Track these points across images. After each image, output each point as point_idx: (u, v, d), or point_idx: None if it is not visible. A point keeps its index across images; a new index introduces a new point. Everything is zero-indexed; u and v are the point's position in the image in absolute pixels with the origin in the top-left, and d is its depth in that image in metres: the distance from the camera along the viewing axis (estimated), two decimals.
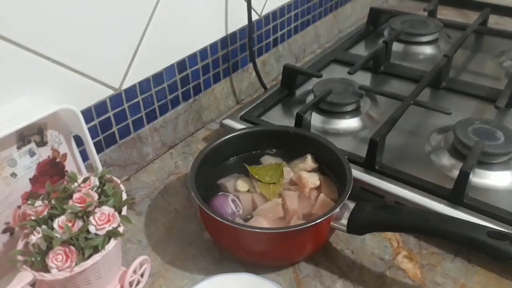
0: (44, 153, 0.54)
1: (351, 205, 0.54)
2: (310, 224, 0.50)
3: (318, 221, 0.50)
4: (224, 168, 0.64)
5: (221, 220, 0.52)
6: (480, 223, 0.50)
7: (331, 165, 0.62)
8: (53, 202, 0.47)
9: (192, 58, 0.75)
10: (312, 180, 0.60)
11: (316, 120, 0.73)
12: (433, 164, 0.65)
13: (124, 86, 0.66)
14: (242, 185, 0.61)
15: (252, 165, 0.63)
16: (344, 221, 0.53)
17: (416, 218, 0.51)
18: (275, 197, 0.59)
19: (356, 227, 0.53)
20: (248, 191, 0.60)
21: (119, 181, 0.52)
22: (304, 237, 0.52)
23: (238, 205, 0.58)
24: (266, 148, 0.66)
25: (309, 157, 0.63)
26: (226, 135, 0.64)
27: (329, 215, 0.51)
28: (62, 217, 0.45)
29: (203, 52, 0.76)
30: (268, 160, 0.65)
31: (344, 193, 0.53)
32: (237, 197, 0.59)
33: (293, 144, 0.65)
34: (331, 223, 0.53)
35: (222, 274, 0.52)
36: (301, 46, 1.01)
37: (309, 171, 0.62)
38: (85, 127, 0.55)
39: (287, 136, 0.65)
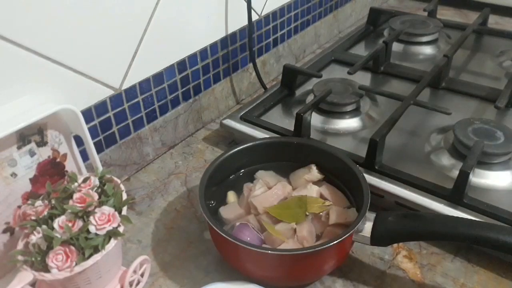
0: (44, 153, 0.54)
1: (371, 216, 0.52)
2: (336, 241, 0.48)
3: (344, 237, 0.48)
4: (223, 189, 0.61)
5: (262, 251, 0.49)
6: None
7: (337, 173, 0.60)
8: (53, 202, 0.47)
9: (192, 58, 0.75)
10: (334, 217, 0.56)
11: (316, 120, 0.73)
12: (433, 164, 0.65)
13: (124, 86, 0.66)
14: (231, 197, 0.60)
15: (247, 183, 0.61)
16: (366, 233, 0.51)
17: (448, 225, 0.49)
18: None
19: (381, 239, 0.51)
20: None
21: (119, 181, 0.52)
22: (328, 255, 0.50)
23: (258, 231, 0.55)
24: (263, 161, 0.63)
25: (314, 168, 0.61)
26: (228, 151, 0.61)
27: (352, 230, 0.49)
28: (62, 217, 0.45)
29: (203, 52, 0.77)
30: (263, 175, 0.62)
31: (363, 206, 0.51)
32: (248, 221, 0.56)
33: (294, 154, 0.63)
34: (353, 237, 0.52)
35: (224, 282, 0.51)
36: (301, 46, 1.01)
37: (314, 182, 0.60)
38: (85, 127, 0.55)
39: (288, 147, 0.63)
